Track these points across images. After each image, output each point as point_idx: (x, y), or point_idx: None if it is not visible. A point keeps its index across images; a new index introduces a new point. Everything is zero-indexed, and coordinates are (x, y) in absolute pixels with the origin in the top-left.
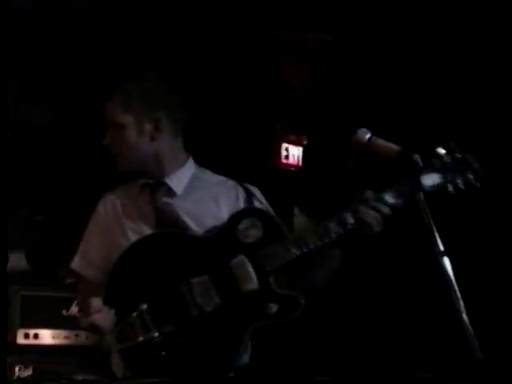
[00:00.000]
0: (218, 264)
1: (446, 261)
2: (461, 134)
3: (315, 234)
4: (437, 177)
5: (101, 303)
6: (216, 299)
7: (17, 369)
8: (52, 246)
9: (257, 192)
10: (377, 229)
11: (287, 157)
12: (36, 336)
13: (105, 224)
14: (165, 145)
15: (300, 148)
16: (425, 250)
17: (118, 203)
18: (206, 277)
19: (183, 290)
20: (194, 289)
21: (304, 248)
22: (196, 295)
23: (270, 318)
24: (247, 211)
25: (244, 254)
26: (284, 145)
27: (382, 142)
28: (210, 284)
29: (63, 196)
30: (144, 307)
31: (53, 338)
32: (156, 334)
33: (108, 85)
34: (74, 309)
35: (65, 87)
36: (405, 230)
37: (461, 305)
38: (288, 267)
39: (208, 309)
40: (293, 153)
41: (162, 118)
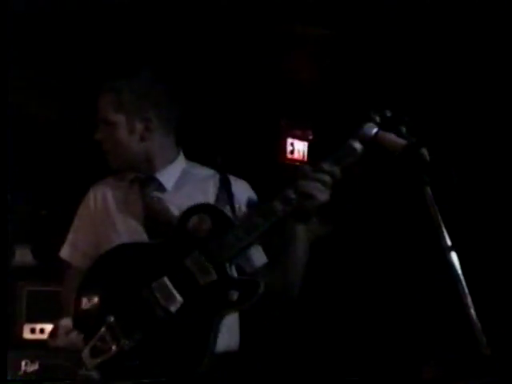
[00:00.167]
0: (175, 264)
1: (454, 256)
2: (461, 134)
3: (262, 216)
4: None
5: (71, 324)
6: (178, 297)
7: (23, 363)
8: (57, 241)
9: (242, 186)
10: (321, 198)
11: (292, 152)
12: (42, 331)
13: (94, 214)
14: (155, 144)
15: (305, 143)
16: (432, 245)
17: (109, 194)
18: (165, 278)
19: (145, 296)
20: (156, 292)
21: (253, 231)
22: (159, 298)
23: (234, 305)
24: (193, 208)
25: (197, 249)
26: (289, 140)
27: (389, 136)
28: (170, 284)
29: (68, 191)
30: (111, 319)
31: None
32: (127, 343)
33: (105, 80)
34: None
35: (66, 82)
36: (412, 225)
37: (468, 300)
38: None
39: (173, 308)
40: (298, 148)
41: (153, 118)
